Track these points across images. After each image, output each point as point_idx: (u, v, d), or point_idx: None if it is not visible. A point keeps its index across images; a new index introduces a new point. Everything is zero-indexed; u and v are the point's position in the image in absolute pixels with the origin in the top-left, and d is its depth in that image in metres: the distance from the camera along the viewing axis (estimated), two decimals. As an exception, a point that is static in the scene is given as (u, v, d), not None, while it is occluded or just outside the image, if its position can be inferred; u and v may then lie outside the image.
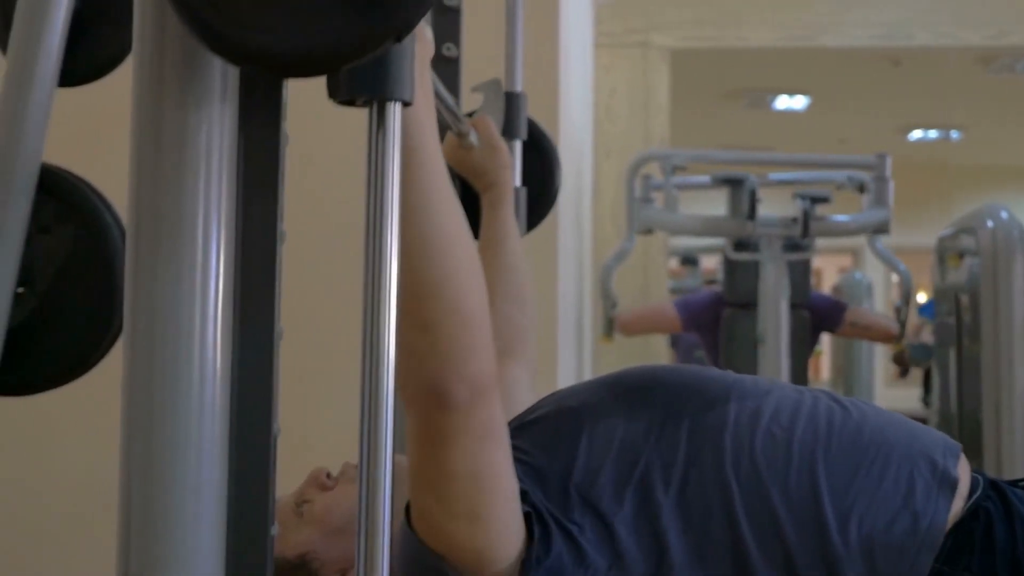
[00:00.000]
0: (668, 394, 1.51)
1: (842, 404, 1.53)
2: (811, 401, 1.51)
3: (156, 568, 0.82)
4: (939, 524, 1.42)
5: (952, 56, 7.22)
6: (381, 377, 0.90)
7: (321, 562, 1.50)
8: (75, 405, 2.22)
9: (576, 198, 4.28)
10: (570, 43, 3.74)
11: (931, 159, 10.96)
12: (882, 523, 1.40)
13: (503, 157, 2.02)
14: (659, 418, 1.47)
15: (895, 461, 1.45)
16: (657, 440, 1.45)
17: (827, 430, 1.47)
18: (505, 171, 2.02)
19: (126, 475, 0.84)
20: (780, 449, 1.44)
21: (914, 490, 1.43)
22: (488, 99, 2.15)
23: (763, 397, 1.50)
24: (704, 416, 1.47)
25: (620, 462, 1.44)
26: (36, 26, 1.33)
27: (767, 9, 6.40)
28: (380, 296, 0.93)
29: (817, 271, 10.57)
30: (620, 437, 1.46)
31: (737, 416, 1.47)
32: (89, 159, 1.54)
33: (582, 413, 1.50)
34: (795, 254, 4.95)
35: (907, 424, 1.54)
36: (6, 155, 1.31)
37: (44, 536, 3.02)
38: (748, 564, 1.39)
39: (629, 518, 1.41)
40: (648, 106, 6.19)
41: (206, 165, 0.86)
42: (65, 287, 1.37)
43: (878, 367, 9.38)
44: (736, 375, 1.58)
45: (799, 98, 9.10)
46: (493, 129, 2.01)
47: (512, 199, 2.03)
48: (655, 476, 1.43)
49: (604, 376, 1.65)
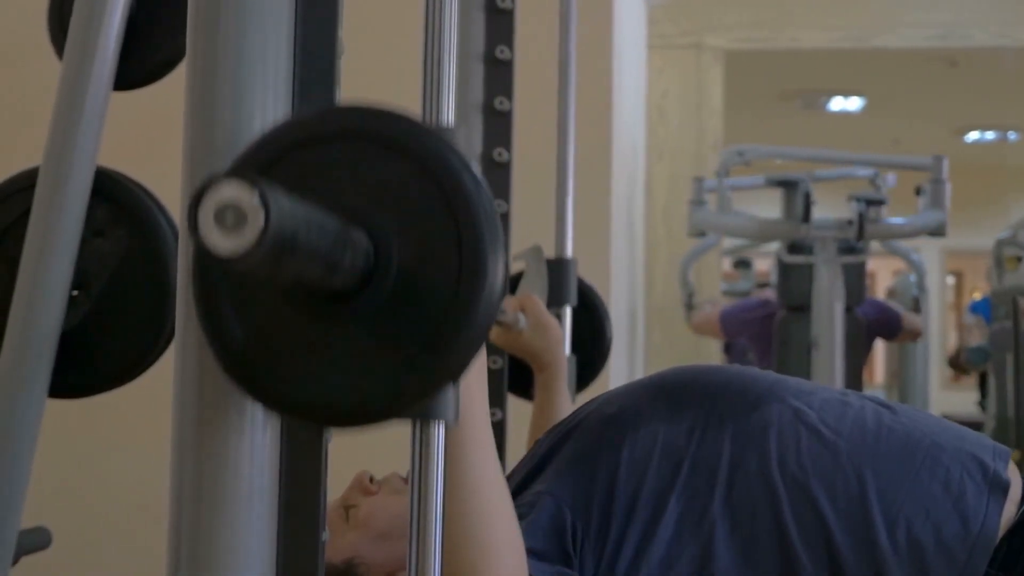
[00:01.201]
0: (709, 395, 1.49)
1: (889, 407, 1.50)
2: (857, 403, 1.49)
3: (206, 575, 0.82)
4: (991, 528, 1.39)
5: (1009, 56, 7.14)
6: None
7: (368, 566, 1.50)
8: (128, 409, 2.24)
9: (628, 201, 4.27)
10: (623, 46, 3.72)
11: (988, 160, 10.85)
12: (932, 526, 1.38)
13: (554, 334, 1.99)
14: (701, 420, 1.46)
15: (944, 464, 1.42)
16: (700, 443, 1.44)
17: (875, 432, 1.44)
18: (557, 348, 2.00)
19: (177, 481, 0.83)
20: (827, 450, 1.42)
21: (964, 493, 1.40)
22: (530, 267, 2.12)
23: (807, 397, 1.48)
24: (747, 417, 1.45)
25: (662, 468, 1.42)
26: (91, 30, 1.34)
27: (821, 10, 6.36)
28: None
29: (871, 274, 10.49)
30: (662, 442, 1.44)
31: (780, 416, 1.45)
32: (144, 163, 1.55)
33: (623, 420, 1.49)
34: (850, 257, 4.91)
35: (955, 428, 1.51)
36: (61, 159, 1.32)
37: (93, 543, 3.04)
38: (795, 566, 1.37)
39: (673, 525, 1.39)
40: (701, 108, 6.17)
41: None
42: (119, 290, 1.37)
43: (933, 370, 9.29)
44: (777, 375, 1.56)
45: (854, 99, 9.05)
46: (541, 308, 1.99)
47: (564, 376, 2.01)
48: (699, 480, 1.41)
49: (643, 379, 1.64)
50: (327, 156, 0.79)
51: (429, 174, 0.78)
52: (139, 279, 1.37)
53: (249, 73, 0.85)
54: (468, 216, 0.77)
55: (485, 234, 0.77)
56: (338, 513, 1.53)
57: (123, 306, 1.37)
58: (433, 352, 0.77)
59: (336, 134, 0.80)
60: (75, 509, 2.98)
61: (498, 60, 2.09)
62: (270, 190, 0.66)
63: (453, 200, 0.78)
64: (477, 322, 0.77)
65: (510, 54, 2.11)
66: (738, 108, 7.23)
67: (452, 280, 0.77)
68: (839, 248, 4.81)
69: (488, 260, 0.77)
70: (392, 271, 0.78)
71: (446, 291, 0.77)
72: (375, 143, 0.79)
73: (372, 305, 0.78)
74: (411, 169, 0.78)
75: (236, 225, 0.65)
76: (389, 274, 0.78)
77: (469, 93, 2.04)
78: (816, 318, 4.79)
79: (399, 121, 0.79)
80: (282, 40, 0.87)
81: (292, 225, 0.68)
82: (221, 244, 0.66)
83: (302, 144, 0.80)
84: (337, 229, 0.74)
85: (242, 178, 0.66)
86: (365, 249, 0.77)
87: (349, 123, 0.80)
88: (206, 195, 0.66)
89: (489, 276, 0.77)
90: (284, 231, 0.67)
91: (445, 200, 0.78)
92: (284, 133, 0.81)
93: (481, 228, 0.77)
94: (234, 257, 0.65)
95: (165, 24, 1.41)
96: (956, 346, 11.60)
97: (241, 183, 0.66)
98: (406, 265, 0.78)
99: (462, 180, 0.78)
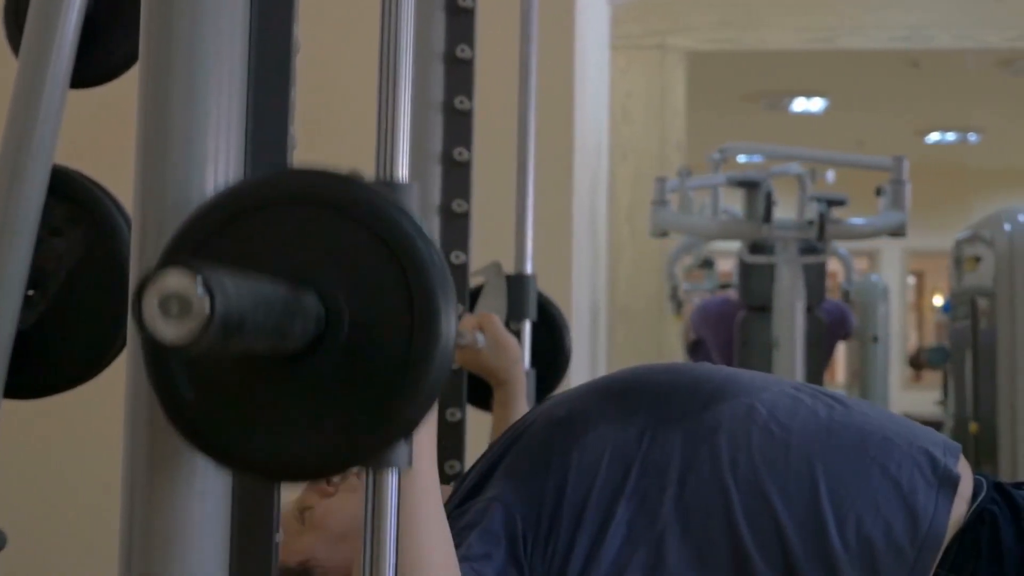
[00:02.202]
0: (659, 396, 1.48)
1: (841, 402, 1.49)
2: (809, 398, 1.48)
3: (158, 574, 0.82)
4: (939, 525, 1.38)
5: (971, 58, 7.19)
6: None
7: (324, 569, 1.49)
8: (84, 409, 2.23)
9: (591, 201, 4.28)
10: (586, 46, 3.73)
11: (949, 162, 10.93)
12: (882, 523, 1.37)
13: (512, 353, 1.99)
14: (651, 422, 1.44)
15: (896, 459, 1.41)
16: (650, 445, 1.42)
17: (827, 428, 1.44)
18: (516, 367, 2.00)
19: (128, 480, 0.83)
20: (778, 448, 1.41)
21: (915, 490, 1.39)
22: (490, 283, 2.12)
23: (758, 394, 1.47)
24: (698, 417, 1.44)
25: (612, 472, 1.41)
26: (48, 28, 1.33)
27: (785, 11, 6.39)
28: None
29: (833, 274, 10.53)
30: (611, 445, 1.43)
31: (732, 415, 1.44)
32: (100, 161, 1.54)
33: (572, 423, 1.47)
34: (811, 257, 4.94)
35: (907, 423, 1.50)
36: (17, 157, 1.31)
37: (48, 545, 3.02)
38: (748, 566, 1.37)
39: (623, 527, 1.39)
40: (664, 109, 6.18)
41: (214, 164, 0.86)
42: (76, 289, 1.36)
43: (893, 370, 9.35)
44: (730, 370, 1.55)
45: (816, 100, 9.09)
46: (499, 327, 1.99)
47: (523, 392, 2.01)
48: (649, 482, 1.40)
49: (593, 381, 1.63)
50: (275, 220, 0.79)
51: (378, 237, 0.78)
52: (96, 279, 1.36)
53: (201, 75, 0.85)
54: (420, 277, 0.78)
55: (438, 293, 0.78)
56: (294, 515, 1.52)
57: (80, 306, 1.36)
58: (388, 408, 0.77)
59: (285, 198, 0.80)
60: (30, 510, 2.97)
61: (459, 59, 2.09)
62: (214, 275, 0.66)
63: (405, 262, 0.78)
64: (432, 376, 0.78)
65: (471, 53, 2.10)
66: (701, 109, 7.25)
67: (404, 337, 0.78)
68: (800, 248, 4.83)
69: (441, 318, 0.78)
70: (344, 331, 0.78)
71: (399, 348, 0.78)
72: (324, 207, 0.79)
73: (325, 364, 0.78)
74: (360, 231, 0.78)
75: (181, 314, 0.66)
76: (341, 334, 0.78)
77: (429, 92, 2.04)
78: (777, 318, 4.81)
79: (348, 185, 0.79)
80: (236, 45, 0.87)
81: (238, 307, 0.68)
82: (167, 332, 0.66)
83: (250, 209, 0.80)
84: (286, 299, 0.74)
85: (185, 266, 0.66)
86: (316, 313, 0.77)
87: (298, 187, 0.80)
88: (149, 286, 0.66)
89: (442, 333, 0.78)
90: (231, 315, 0.67)
91: (397, 262, 0.78)
92: (231, 199, 0.81)
93: (433, 287, 0.78)
94: (181, 344, 0.66)
95: (123, 22, 1.40)
96: (916, 346, 11.68)
97: (184, 272, 0.66)
98: (358, 324, 0.78)
99: (414, 244, 0.78)
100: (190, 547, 0.83)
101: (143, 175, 0.86)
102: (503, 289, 2.12)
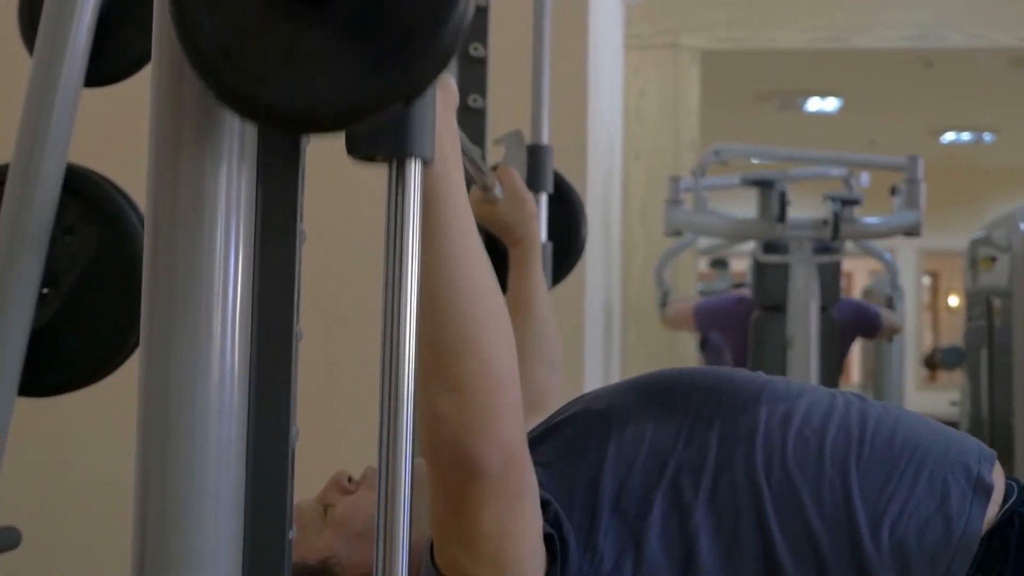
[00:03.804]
0: (698, 396, 1.50)
1: (876, 408, 1.51)
2: (843, 404, 1.50)
3: (171, 572, 0.82)
4: (973, 531, 1.39)
5: (985, 58, 7.17)
6: (400, 381, 0.89)
7: (343, 567, 1.49)
8: (99, 406, 2.23)
9: (605, 201, 4.27)
10: (599, 45, 3.73)
11: (963, 161, 10.90)
12: (915, 529, 1.38)
13: (529, 208, 1.99)
14: (689, 421, 1.46)
15: (929, 466, 1.43)
16: (687, 443, 1.44)
17: (860, 434, 1.45)
18: (532, 222, 1.99)
19: (142, 478, 0.83)
20: (812, 453, 1.42)
21: (948, 496, 1.41)
22: (511, 151, 2.12)
23: (795, 400, 1.48)
24: (735, 419, 1.46)
25: (649, 466, 1.42)
26: (62, 27, 1.33)
27: (798, 10, 6.37)
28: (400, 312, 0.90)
29: (848, 274, 10.52)
30: (649, 440, 1.44)
31: (768, 419, 1.45)
32: (114, 159, 1.55)
33: (610, 417, 1.49)
34: (825, 256, 4.92)
35: (941, 429, 1.51)
36: (31, 155, 1.31)
37: (63, 543, 3.03)
38: (778, 568, 1.38)
39: (658, 522, 1.39)
40: (678, 108, 6.17)
41: (227, 162, 0.86)
42: (90, 288, 1.37)
43: (909, 370, 9.34)
44: (767, 377, 1.56)
45: (830, 100, 9.07)
46: (518, 180, 1.99)
47: (539, 254, 2.00)
48: (684, 479, 1.41)
49: (632, 378, 1.64)
50: None
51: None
52: (110, 277, 1.36)
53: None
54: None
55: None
56: (316, 511, 1.52)
57: (93, 304, 1.37)
58: (404, 58, 0.78)
59: None
60: (45, 509, 2.97)
61: (472, 58, 2.09)
62: None
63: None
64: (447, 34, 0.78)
65: (484, 52, 2.11)
66: (714, 108, 7.24)
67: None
68: (814, 248, 4.82)
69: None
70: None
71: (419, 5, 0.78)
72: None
73: (347, 10, 0.79)
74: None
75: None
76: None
77: (443, 91, 2.04)
78: (791, 317, 4.80)
79: None
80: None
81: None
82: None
83: None
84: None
85: None
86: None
87: None
88: None
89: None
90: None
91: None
92: None
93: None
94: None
95: (137, 21, 1.41)
96: (931, 346, 11.65)
97: None
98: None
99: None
100: (203, 548, 0.83)
101: (156, 173, 0.86)
102: (523, 158, 2.12)
